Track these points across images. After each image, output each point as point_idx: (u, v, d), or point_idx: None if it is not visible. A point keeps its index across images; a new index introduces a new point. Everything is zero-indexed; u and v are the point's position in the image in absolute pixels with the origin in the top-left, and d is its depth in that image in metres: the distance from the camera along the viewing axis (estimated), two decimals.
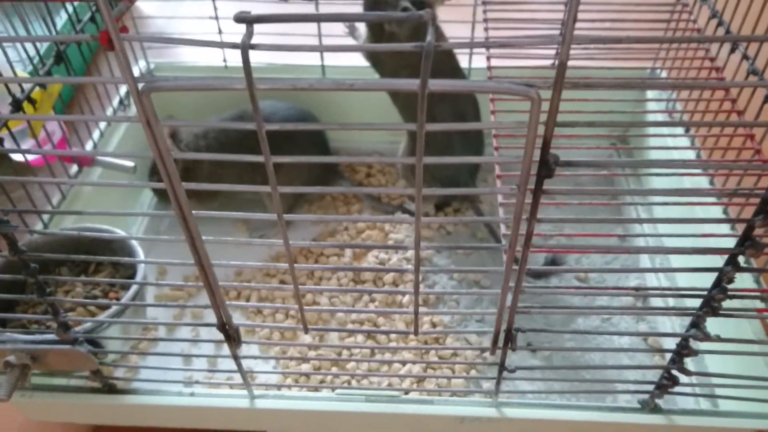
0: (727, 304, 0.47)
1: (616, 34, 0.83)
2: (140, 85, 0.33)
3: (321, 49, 0.33)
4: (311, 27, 0.96)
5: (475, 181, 0.92)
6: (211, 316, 0.49)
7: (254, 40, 0.30)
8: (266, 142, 0.34)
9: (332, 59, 1.01)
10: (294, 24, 0.32)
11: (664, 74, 0.95)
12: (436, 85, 0.32)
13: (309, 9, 0.99)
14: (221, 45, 0.32)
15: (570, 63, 0.30)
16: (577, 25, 0.94)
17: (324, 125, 0.34)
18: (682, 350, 0.51)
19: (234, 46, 0.31)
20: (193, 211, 0.40)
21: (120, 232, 0.71)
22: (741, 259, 0.45)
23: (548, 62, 0.92)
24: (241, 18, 0.30)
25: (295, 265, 0.44)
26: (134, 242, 0.66)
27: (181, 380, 0.73)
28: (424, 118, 0.34)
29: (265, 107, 0.92)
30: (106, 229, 0.70)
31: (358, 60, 0.92)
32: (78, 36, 0.32)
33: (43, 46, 0.94)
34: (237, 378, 0.72)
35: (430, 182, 0.86)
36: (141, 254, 0.68)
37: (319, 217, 0.40)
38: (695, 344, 0.51)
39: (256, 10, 0.31)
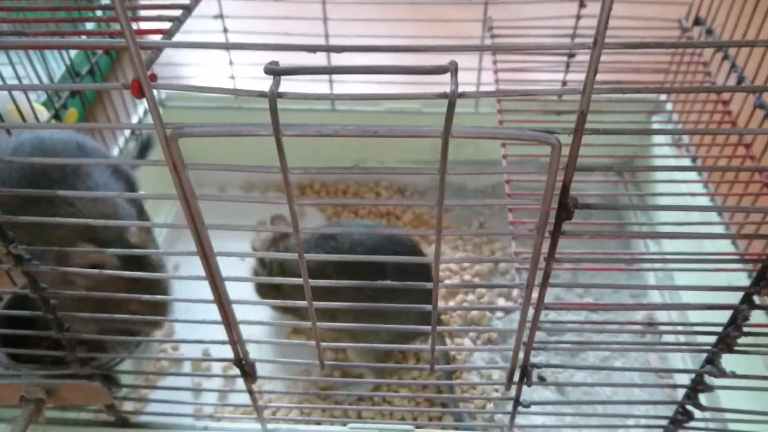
0: (741, 339, 0.47)
1: (622, 66, 0.85)
2: (168, 131, 0.34)
3: (344, 97, 0.34)
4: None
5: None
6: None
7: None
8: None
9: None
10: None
11: (669, 105, 0.96)
12: (460, 132, 0.33)
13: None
14: (248, 93, 0.33)
15: (572, 97, 0.31)
16: (581, 57, 0.94)
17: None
18: (697, 386, 0.52)
19: (261, 94, 0.32)
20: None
21: None
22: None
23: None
24: (271, 70, 0.30)
25: (314, 303, 0.44)
26: None
27: (191, 413, 0.73)
28: (446, 163, 0.35)
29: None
30: None
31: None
32: (108, 85, 0.32)
33: (56, 75, 0.94)
34: (246, 409, 0.72)
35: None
36: None
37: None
38: (709, 380, 0.51)
39: (279, 56, 0.32)
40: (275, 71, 0.31)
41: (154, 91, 0.34)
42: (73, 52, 1.10)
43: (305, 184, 1.06)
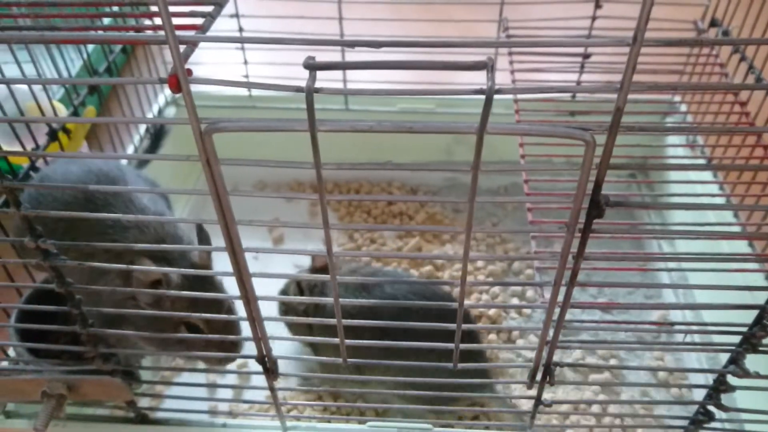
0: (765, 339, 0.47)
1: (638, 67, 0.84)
2: (202, 126, 0.34)
3: (381, 92, 0.34)
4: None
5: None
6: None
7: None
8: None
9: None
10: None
11: (683, 107, 0.96)
12: (495, 128, 0.33)
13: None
14: (285, 88, 0.33)
15: (585, 96, 0.31)
16: (596, 57, 0.93)
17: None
18: (720, 386, 0.52)
19: (299, 89, 0.32)
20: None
21: None
22: None
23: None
24: (310, 65, 0.31)
25: (340, 300, 0.44)
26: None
27: (207, 410, 0.73)
28: (480, 161, 0.35)
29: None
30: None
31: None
32: (144, 79, 0.33)
33: (74, 70, 0.94)
34: (261, 405, 0.73)
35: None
36: None
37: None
38: (731, 380, 0.51)
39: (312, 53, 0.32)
40: (313, 66, 0.31)
41: (168, 91, 0.35)
42: (90, 50, 1.11)
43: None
